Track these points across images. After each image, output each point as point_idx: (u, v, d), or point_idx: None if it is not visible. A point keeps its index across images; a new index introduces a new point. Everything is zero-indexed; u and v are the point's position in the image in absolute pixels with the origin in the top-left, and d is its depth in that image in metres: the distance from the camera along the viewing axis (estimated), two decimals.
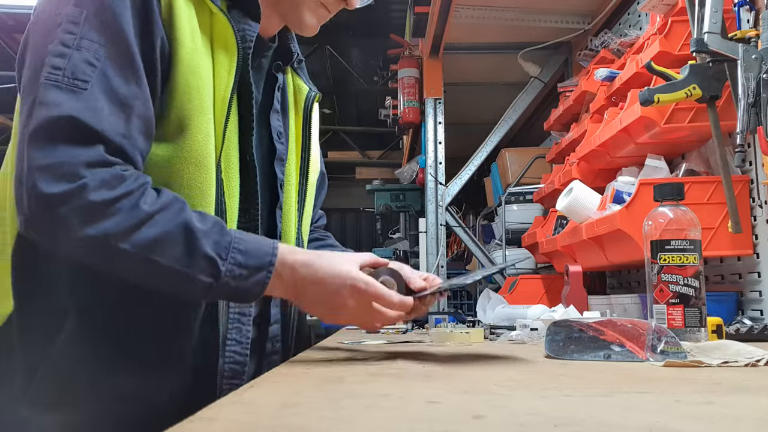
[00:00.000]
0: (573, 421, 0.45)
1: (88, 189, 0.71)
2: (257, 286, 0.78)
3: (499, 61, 3.03)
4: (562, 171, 2.23)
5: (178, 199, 0.78)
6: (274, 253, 0.79)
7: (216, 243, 0.76)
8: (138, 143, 0.77)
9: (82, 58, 0.74)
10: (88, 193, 0.71)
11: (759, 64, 1.26)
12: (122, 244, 0.72)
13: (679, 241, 0.98)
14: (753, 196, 1.50)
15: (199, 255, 0.75)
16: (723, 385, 0.62)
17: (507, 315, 1.70)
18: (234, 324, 0.91)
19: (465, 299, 2.95)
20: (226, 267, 0.76)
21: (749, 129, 1.25)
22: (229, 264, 0.76)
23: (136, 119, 0.77)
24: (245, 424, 0.46)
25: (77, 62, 0.74)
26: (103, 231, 0.71)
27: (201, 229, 0.76)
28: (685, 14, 1.49)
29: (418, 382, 0.67)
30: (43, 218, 0.72)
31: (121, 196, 0.73)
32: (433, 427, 0.43)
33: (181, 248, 0.74)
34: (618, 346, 0.85)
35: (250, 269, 0.77)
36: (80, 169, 0.71)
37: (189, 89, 0.82)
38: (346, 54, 5.03)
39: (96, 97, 0.74)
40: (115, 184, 0.73)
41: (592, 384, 0.64)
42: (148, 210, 0.74)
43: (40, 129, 0.71)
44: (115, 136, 0.74)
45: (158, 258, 0.74)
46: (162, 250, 0.74)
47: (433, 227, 2.82)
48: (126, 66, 0.77)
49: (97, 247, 0.73)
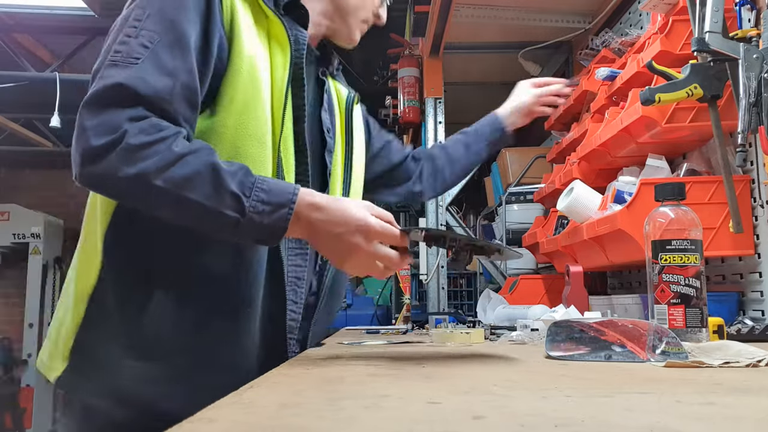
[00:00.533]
0: (574, 421, 0.44)
1: (128, 135, 0.81)
2: (280, 222, 0.85)
3: (500, 61, 3.03)
4: (563, 171, 2.22)
5: (208, 147, 0.87)
6: (294, 192, 0.86)
7: (241, 182, 0.84)
8: (180, 108, 0.88)
9: (139, 42, 0.87)
10: (128, 138, 0.81)
11: (760, 64, 1.25)
12: (157, 181, 0.81)
13: (680, 241, 0.98)
14: (754, 196, 1.49)
15: (225, 192, 0.83)
16: (724, 385, 0.62)
17: (507, 315, 1.70)
18: (291, 286, 1.02)
19: (465, 299, 2.95)
20: (250, 203, 0.83)
21: (750, 128, 1.25)
22: (253, 200, 0.84)
23: (180, 87, 0.87)
24: (245, 425, 0.46)
25: (134, 45, 0.87)
26: (140, 169, 0.81)
27: (227, 170, 0.84)
28: (686, 13, 1.49)
29: (418, 382, 0.67)
30: (92, 167, 0.82)
31: (158, 140, 0.82)
32: (433, 427, 0.43)
33: (209, 186, 0.83)
34: (619, 347, 0.85)
35: (272, 205, 0.84)
36: (123, 123, 0.82)
37: (249, 77, 0.94)
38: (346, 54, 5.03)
39: (145, 69, 0.85)
40: (152, 131, 0.83)
41: (593, 384, 0.63)
42: (179, 151, 0.83)
43: (93, 95, 0.83)
44: (157, 99, 0.85)
45: (188, 194, 0.82)
46: (192, 187, 0.82)
47: (433, 227, 2.81)
48: (175, 46, 0.88)
49: (135, 184, 0.82)
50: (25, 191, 6.56)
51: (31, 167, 6.76)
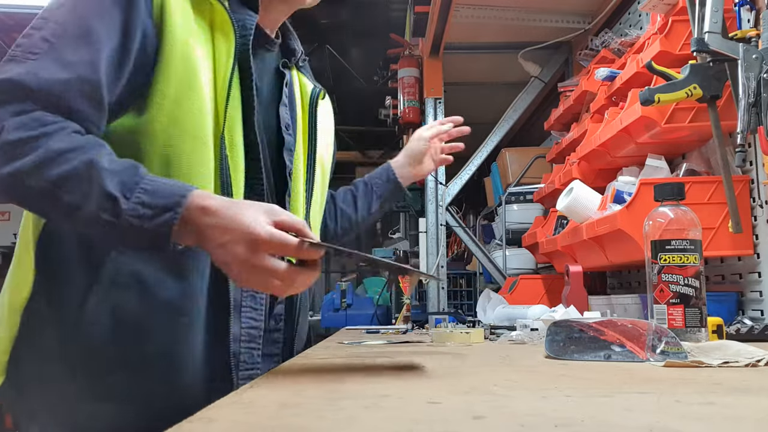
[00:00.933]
0: (573, 421, 0.45)
1: (5, 131, 0.75)
2: (162, 227, 0.75)
3: (500, 61, 3.03)
4: (563, 171, 2.23)
5: (97, 142, 0.80)
6: (184, 195, 0.76)
7: (122, 182, 0.76)
8: (75, 102, 0.81)
9: (41, 36, 0.81)
10: (5, 135, 0.75)
11: (759, 64, 1.26)
12: (30, 180, 0.75)
13: (679, 241, 0.98)
14: (753, 196, 1.50)
15: (101, 193, 0.75)
16: (723, 385, 0.62)
17: (507, 315, 1.70)
18: (248, 292, 0.95)
19: (465, 299, 2.95)
20: (129, 206, 0.75)
21: (750, 129, 1.25)
22: (132, 203, 0.75)
23: (77, 81, 0.81)
24: (245, 425, 0.46)
25: (35, 39, 0.81)
26: (14, 168, 0.75)
27: (108, 169, 0.76)
28: (685, 14, 1.49)
29: (418, 382, 0.67)
30: None
31: (37, 136, 0.76)
32: (433, 427, 0.43)
33: (86, 185, 0.75)
34: (618, 347, 0.85)
35: (155, 209, 0.75)
36: (5, 119, 0.76)
37: (182, 69, 0.87)
38: (346, 54, 5.03)
39: (40, 64, 0.79)
40: (34, 126, 0.76)
41: (593, 384, 0.64)
42: (59, 148, 0.76)
43: None
44: (47, 94, 0.78)
45: (63, 195, 0.75)
46: (67, 187, 0.75)
47: (433, 227, 2.82)
48: (80, 40, 0.82)
49: (10, 184, 0.76)
50: None
51: None
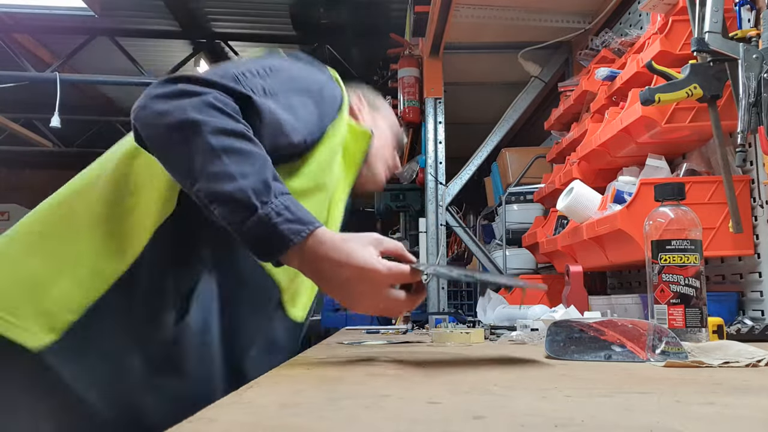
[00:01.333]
0: (574, 421, 0.45)
1: (213, 98, 0.84)
2: (290, 235, 0.79)
3: (500, 61, 3.03)
4: (563, 171, 2.22)
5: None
6: (316, 223, 0.82)
7: (277, 183, 0.83)
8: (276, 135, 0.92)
9: (261, 83, 0.93)
10: (210, 98, 0.83)
11: (760, 64, 1.26)
12: (206, 134, 0.81)
13: (679, 241, 0.98)
14: (754, 196, 1.50)
15: (258, 175, 0.81)
16: (724, 385, 0.62)
17: (507, 315, 1.70)
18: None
19: (465, 299, 2.95)
20: (276, 201, 0.80)
21: (750, 128, 1.25)
22: (280, 201, 0.80)
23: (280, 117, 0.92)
24: (245, 425, 0.46)
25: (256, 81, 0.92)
26: (202, 119, 0.81)
27: (271, 168, 0.84)
28: (685, 14, 1.49)
29: (418, 382, 0.67)
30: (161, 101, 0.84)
31: (230, 113, 0.84)
32: (433, 427, 0.43)
33: (248, 162, 0.81)
34: (619, 347, 0.85)
35: (293, 217, 0.80)
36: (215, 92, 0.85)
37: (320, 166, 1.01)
38: (346, 54, 5.03)
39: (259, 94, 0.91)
40: (231, 106, 0.85)
41: (593, 384, 0.64)
42: (239, 129, 0.84)
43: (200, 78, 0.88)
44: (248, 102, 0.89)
45: (224, 160, 0.80)
46: (230, 156, 0.81)
47: (433, 227, 2.81)
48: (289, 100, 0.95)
49: (190, 126, 0.81)
50: (25, 191, 6.57)
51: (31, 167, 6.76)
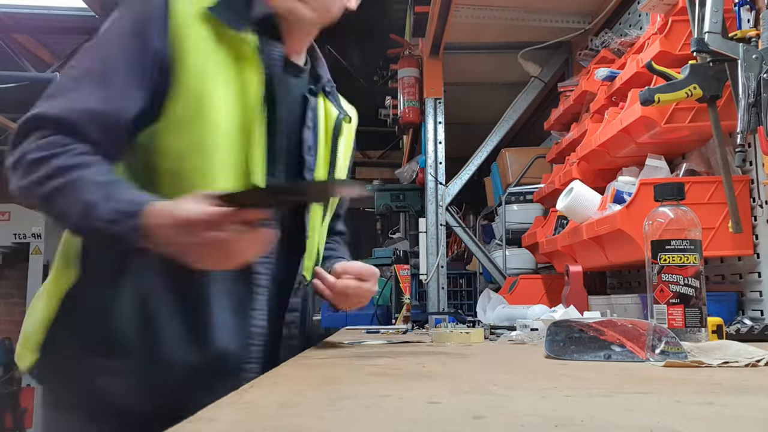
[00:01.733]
0: (573, 421, 0.45)
1: (29, 152, 0.90)
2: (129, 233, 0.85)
3: (500, 61, 3.03)
4: (563, 171, 2.23)
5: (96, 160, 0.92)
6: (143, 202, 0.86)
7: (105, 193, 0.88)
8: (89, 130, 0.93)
9: (69, 76, 0.98)
10: (28, 155, 0.90)
11: (759, 64, 1.26)
12: (36, 191, 0.89)
13: (679, 241, 0.98)
14: (753, 196, 1.50)
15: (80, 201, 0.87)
16: (723, 385, 0.62)
17: (507, 315, 1.71)
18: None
19: (465, 299, 2.95)
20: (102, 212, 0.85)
21: (750, 129, 1.25)
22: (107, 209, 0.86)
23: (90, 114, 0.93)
24: (245, 424, 0.46)
25: (65, 80, 0.97)
26: (27, 182, 0.89)
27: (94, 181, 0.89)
28: (685, 14, 1.49)
29: (418, 382, 0.67)
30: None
31: (49, 156, 0.89)
32: (433, 427, 0.43)
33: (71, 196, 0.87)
34: (618, 347, 0.85)
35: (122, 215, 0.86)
36: (32, 143, 0.91)
37: (194, 97, 0.97)
38: (346, 54, 5.03)
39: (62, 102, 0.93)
40: (48, 148, 0.90)
41: (593, 384, 0.64)
42: (60, 164, 0.88)
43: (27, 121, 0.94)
44: (68, 122, 0.92)
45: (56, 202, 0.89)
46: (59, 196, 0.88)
47: (433, 227, 2.82)
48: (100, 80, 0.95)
49: (25, 194, 0.90)
50: None
51: None
